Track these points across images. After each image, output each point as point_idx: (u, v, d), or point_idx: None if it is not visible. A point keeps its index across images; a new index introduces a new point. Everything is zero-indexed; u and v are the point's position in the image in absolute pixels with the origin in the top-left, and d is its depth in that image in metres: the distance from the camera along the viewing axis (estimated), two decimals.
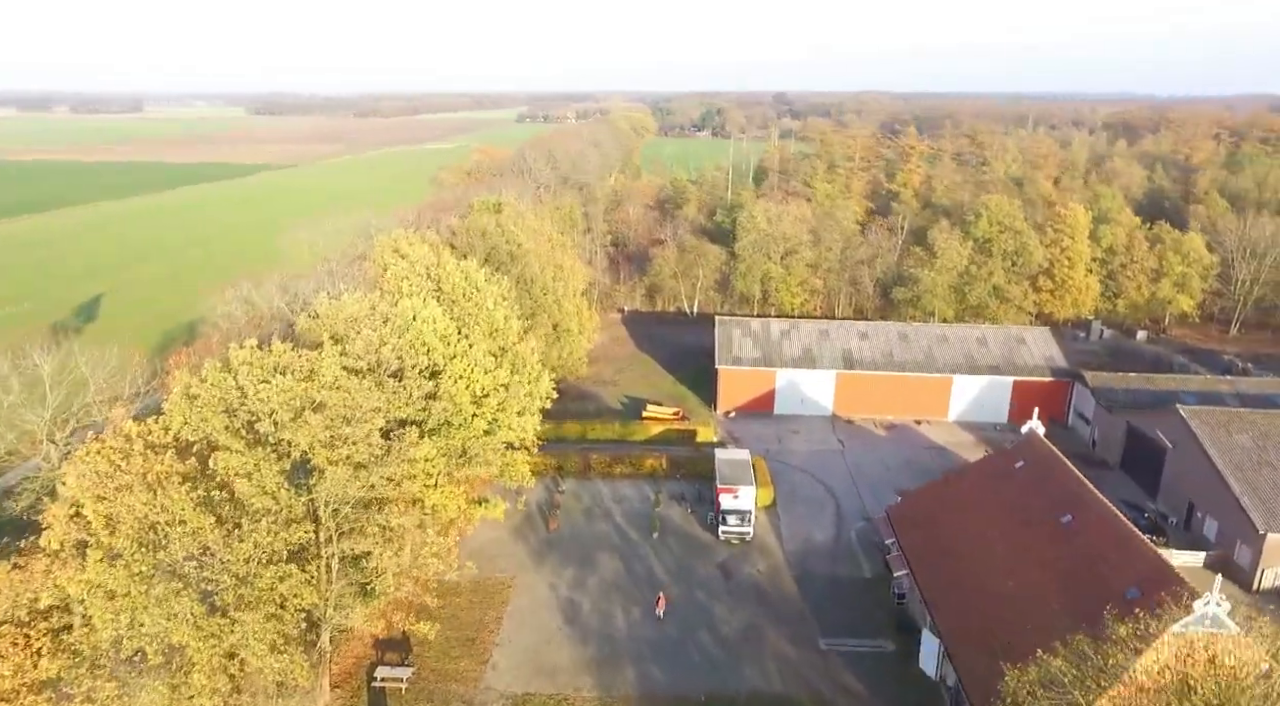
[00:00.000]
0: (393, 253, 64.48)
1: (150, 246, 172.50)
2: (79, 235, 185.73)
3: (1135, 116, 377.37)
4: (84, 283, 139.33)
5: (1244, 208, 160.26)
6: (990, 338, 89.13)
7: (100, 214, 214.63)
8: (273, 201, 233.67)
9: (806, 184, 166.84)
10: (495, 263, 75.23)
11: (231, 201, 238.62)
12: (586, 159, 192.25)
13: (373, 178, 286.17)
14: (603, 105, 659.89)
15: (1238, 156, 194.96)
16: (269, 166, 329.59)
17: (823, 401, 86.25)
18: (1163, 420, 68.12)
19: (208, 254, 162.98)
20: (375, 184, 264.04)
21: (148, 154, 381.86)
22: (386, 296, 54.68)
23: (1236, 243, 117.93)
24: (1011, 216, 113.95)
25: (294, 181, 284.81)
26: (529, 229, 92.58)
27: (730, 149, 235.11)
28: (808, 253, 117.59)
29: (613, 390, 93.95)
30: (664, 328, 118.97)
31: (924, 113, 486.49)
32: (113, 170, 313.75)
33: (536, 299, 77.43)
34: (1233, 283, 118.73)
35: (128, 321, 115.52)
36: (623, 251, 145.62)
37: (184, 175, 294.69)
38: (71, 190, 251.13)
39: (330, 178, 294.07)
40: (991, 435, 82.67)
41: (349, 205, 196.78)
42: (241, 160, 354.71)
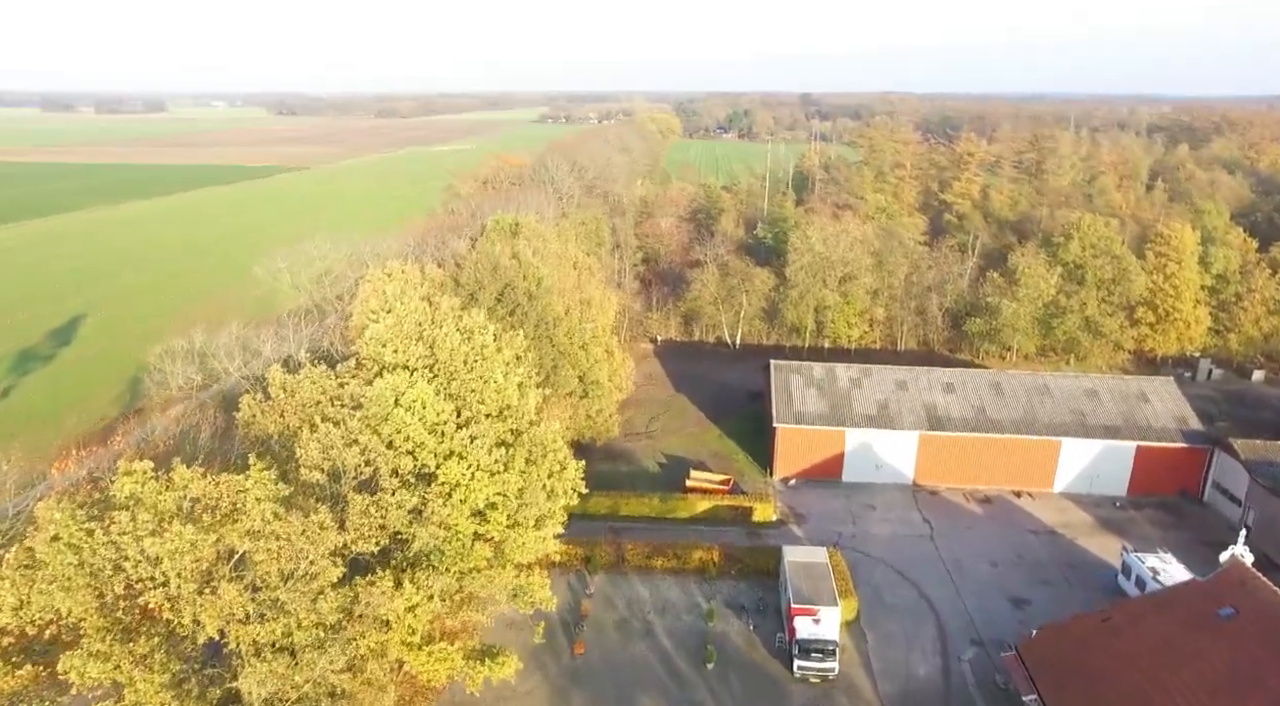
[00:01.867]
0: (375, 308, 50.49)
1: (137, 257, 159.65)
2: (62, 243, 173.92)
3: (1196, 117, 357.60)
4: (68, 298, 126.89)
5: None
6: (1103, 390, 74.06)
7: (92, 221, 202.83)
8: (276, 207, 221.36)
9: (856, 195, 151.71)
10: (510, 304, 61.22)
11: (234, 206, 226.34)
12: (613, 165, 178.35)
13: (384, 182, 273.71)
14: (625, 106, 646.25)
15: None
16: (280, 169, 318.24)
17: (901, 467, 71.57)
18: None
19: (192, 269, 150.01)
20: (387, 189, 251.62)
21: (155, 156, 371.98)
22: (361, 370, 40.74)
23: None
24: (1108, 239, 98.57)
25: (302, 186, 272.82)
26: (551, 255, 78.57)
27: (767, 155, 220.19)
28: (868, 278, 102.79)
29: (647, 445, 79.68)
30: (703, 362, 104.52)
31: (955, 114, 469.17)
32: (111, 172, 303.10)
33: (560, 347, 63.33)
34: None
35: (95, 347, 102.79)
36: (654, 269, 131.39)
37: (189, 178, 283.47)
38: (63, 195, 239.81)
39: (341, 182, 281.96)
40: (1113, 514, 67.69)
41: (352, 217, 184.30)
42: (253, 162, 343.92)
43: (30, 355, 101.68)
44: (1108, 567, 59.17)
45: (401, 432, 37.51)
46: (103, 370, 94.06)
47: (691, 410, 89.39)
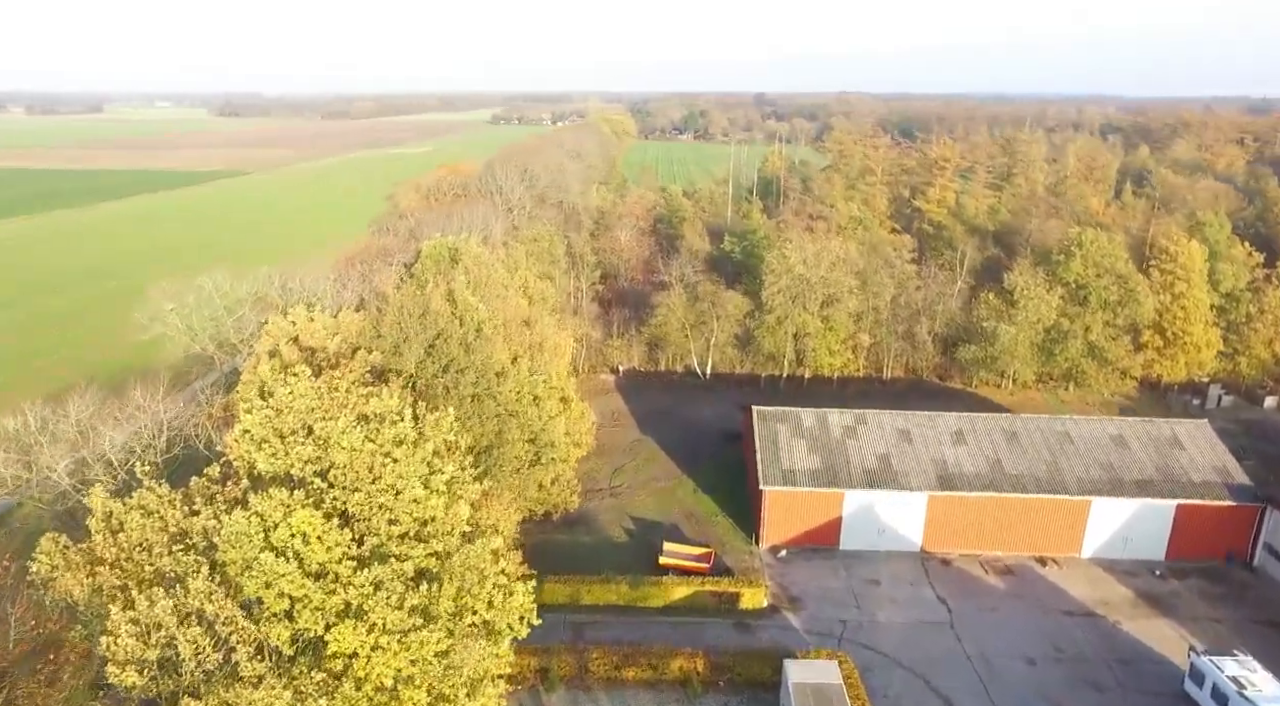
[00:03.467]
0: (256, 394, 38.93)
1: (10, 289, 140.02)
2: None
3: (1151, 119, 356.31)
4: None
5: None
6: (1131, 436, 64.92)
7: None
8: (204, 220, 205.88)
9: (827, 204, 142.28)
10: (442, 358, 49.97)
11: (157, 219, 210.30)
12: (566, 173, 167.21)
13: (328, 189, 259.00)
14: (579, 107, 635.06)
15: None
16: (219, 174, 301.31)
17: (908, 533, 61.67)
18: None
19: (75, 305, 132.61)
20: (329, 198, 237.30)
21: (86, 160, 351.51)
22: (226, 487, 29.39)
23: None
24: (1112, 256, 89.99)
25: (239, 194, 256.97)
26: (495, 286, 67.38)
27: (730, 159, 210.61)
28: (852, 301, 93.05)
29: (611, 506, 68.84)
30: (671, 396, 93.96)
31: (913, 115, 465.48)
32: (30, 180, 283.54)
33: (506, 406, 52.17)
34: None
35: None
36: (614, 288, 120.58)
37: (119, 185, 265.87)
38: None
39: (281, 189, 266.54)
40: (1154, 586, 58.45)
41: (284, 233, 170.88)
42: (193, 166, 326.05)
43: None
44: (1167, 664, 49.79)
45: (273, 587, 26.32)
46: None
47: (660, 457, 78.78)
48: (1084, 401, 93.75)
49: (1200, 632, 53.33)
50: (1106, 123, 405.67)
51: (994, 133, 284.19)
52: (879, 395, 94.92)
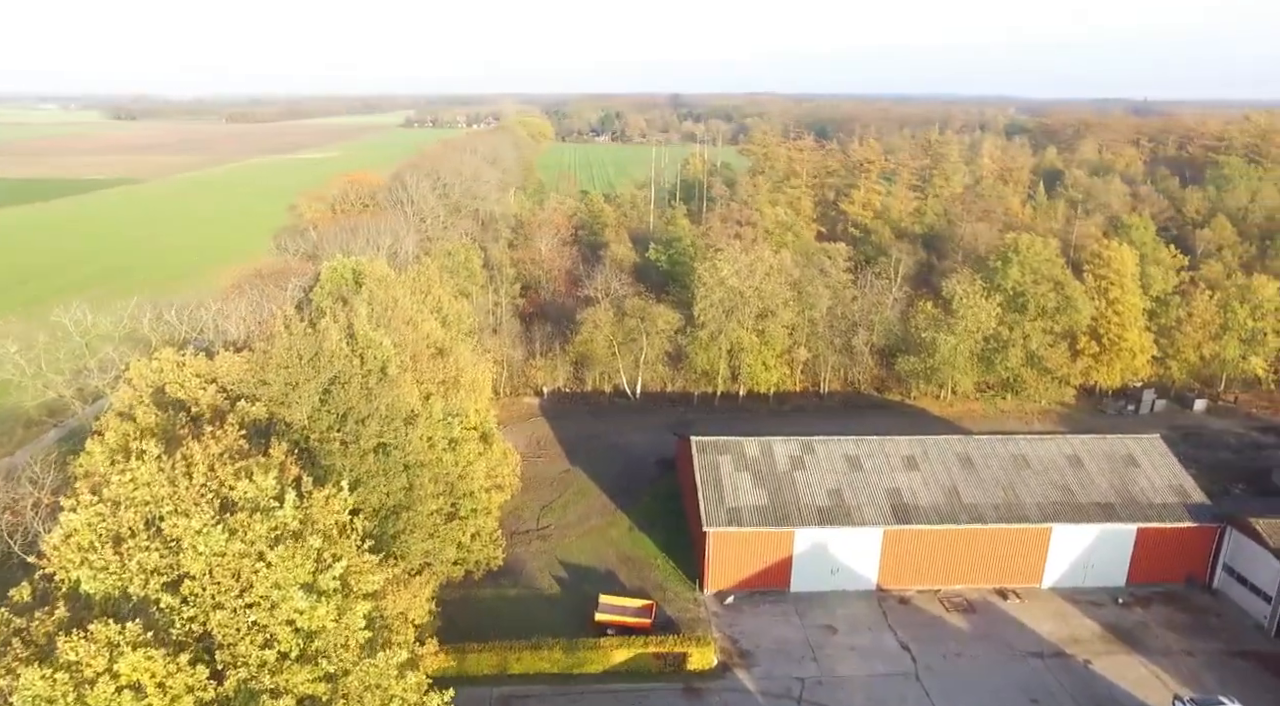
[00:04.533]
0: (85, 483, 31.49)
1: None
2: None
3: (1054, 120, 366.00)
4: None
5: (1247, 231, 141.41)
6: (1086, 455, 61.90)
7: None
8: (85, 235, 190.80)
9: (751, 207, 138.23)
10: (339, 406, 43.08)
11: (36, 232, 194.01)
12: (481, 179, 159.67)
13: (227, 199, 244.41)
14: (495, 109, 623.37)
15: (1224, 169, 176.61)
16: (106, 183, 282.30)
17: (862, 570, 57.25)
18: None
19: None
20: (228, 207, 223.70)
21: None
22: (45, 619, 22.38)
23: None
24: (1049, 262, 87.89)
25: (130, 205, 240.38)
26: (404, 313, 60.53)
27: (651, 162, 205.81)
28: (787, 313, 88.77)
29: (539, 552, 62.62)
30: (601, 420, 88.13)
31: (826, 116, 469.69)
32: None
33: (417, 456, 45.48)
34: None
35: None
36: (536, 301, 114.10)
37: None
38: None
39: (177, 199, 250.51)
40: (1120, 617, 55.30)
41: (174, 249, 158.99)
42: (78, 174, 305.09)
43: None
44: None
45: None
46: None
47: (592, 491, 72.86)
48: (1022, 410, 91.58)
49: (1174, 669, 50.24)
50: (1011, 124, 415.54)
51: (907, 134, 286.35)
52: (817, 411, 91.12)
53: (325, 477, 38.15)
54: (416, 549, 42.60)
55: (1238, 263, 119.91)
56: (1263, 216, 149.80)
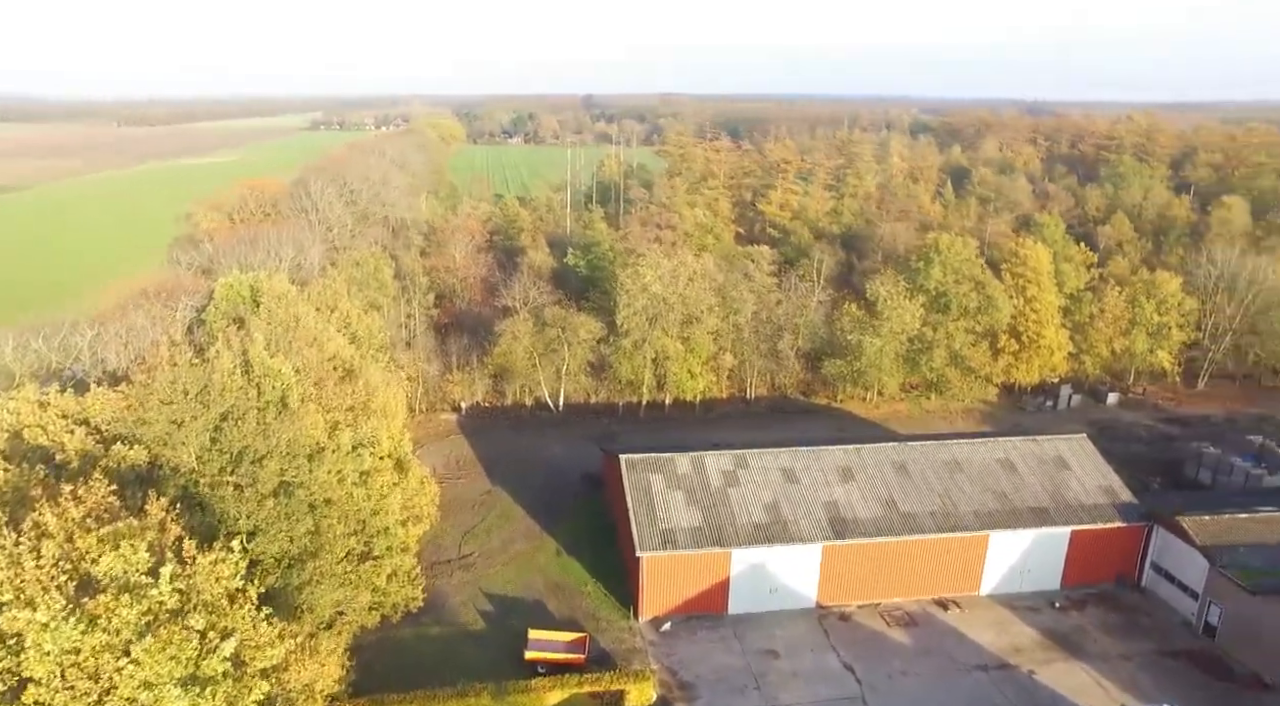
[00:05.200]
0: None
1: None
2: None
3: (957, 119, 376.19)
4: None
5: (1143, 227, 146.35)
6: (1017, 459, 61.54)
7: None
8: None
9: (670, 209, 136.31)
10: (233, 443, 38.74)
11: None
12: (391, 184, 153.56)
13: (115, 208, 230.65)
14: (404, 111, 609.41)
15: (1117, 167, 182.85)
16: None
17: (801, 588, 55.44)
18: None
19: None
20: (117, 216, 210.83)
21: None
22: None
23: (1215, 282, 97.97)
24: (969, 262, 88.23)
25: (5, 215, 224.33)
26: (307, 333, 56.05)
27: (567, 165, 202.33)
28: (712, 319, 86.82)
29: (462, 584, 58.89)
30: (523, 435, 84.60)
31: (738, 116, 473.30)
32: None
33: (324, 494, 41.42)
34: (1205, 329, 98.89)
35: None
36: (451, 311, 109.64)
37: None
38: None
39: (59, 208, 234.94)
40: (1058, 622, 54.83)
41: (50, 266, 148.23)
42: None
43: None
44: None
45: None
46: None
47: (516, 512, 69.37)
48: (946, 409, 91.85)
49: (1113, 674, 49.86)
50: (915, 123, 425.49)
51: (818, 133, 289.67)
52: (744, 417, 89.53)
53: (217, 529, 33.97)
54: (326, 600, 38.65)
55: (1139, 258, 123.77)
56: (1155, 213, 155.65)
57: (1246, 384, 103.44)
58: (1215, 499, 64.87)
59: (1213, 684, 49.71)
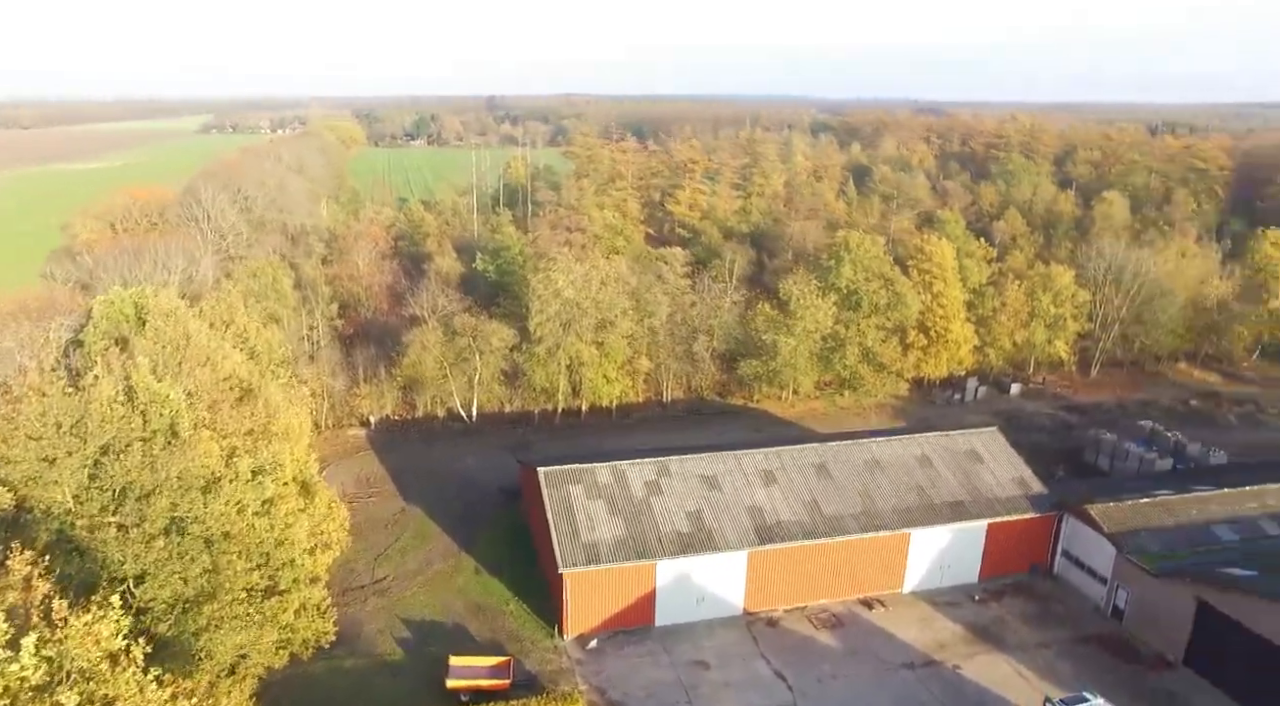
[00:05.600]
0: None
1: None
2: None
3: (856, 118, 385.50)
4: None
5: (1033, 222, 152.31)
6: (933, 454, 62.36)
7: None
8: None
9: (579, 212, 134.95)
10: (114, 479, 35.47)
11: None
12: (289, 190, 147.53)
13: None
14: (301, 113, 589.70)
15: (1007, 165, 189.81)
16: None
17: (728, 596, 54.78)
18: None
19: None
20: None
21: None
22: None
23: (1104, 274, 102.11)
24: (878, 259, 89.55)
25: None
26: (199, 352, 52.44)
27: (472, 167, 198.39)
28: (626, 323, 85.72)
29: (377, 610, 56.14)
30: (435, 448, 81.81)
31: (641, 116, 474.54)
32: None
33: (222, 528, 38.44)
34: (1096, 320, 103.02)
35: None
36: (356, 321, 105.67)
37: None
38: None
39: None
40: (979, 615, 55.61)
41: None
42: None
43: None
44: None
45: None
46: None
47: (431, 530, 66.77)
48: (860, 405, 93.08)
49: (1033, 663, 50.77)
50: (815, 122, 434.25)
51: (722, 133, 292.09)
52: (661, 421, 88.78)
53: (98, 576, 30.96)
54: (228, 644, 35.74)
55: (1033, 252, 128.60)
56: (1044, 209, 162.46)
57: (1133, 370, 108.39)
58: (1114, 484, 67.17)
59: (1122, 666, 51.12)
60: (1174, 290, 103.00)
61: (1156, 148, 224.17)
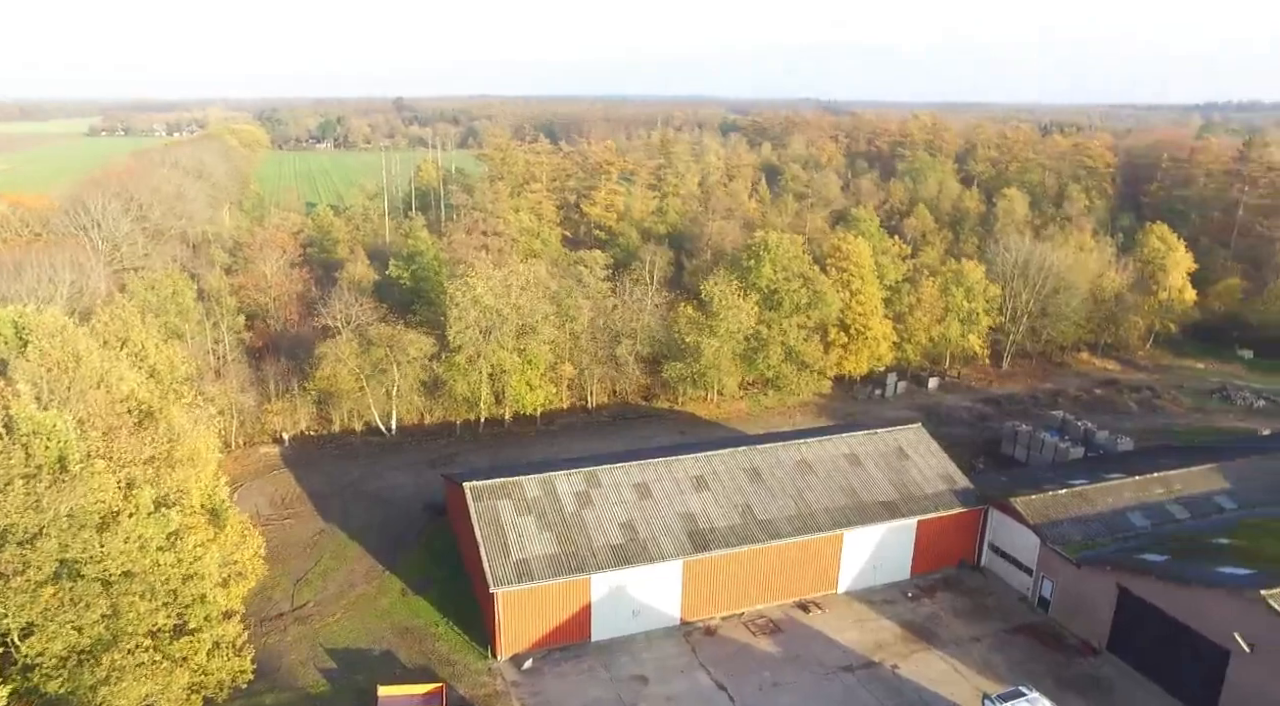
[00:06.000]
0: None
1: None
2: None
3: (766, 118, 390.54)
4: None
5: (941, 219, 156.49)
6: (862, 452, 62.73)
7: None
8: None
9: (495, 215, 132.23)
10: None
11: None
12: (188, 197, 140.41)
13: None
14: (199, 116, 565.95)
15: (915, 163, 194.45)
16: None
17: (665, 607, 53.83)
18: (1212, 603, 45.11)
19: None
20: None
21: None
22: None
23: (1012, 269, 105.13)
24: (799, 259, 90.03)
25: None
26: (87, 376, 48.76)
27: (380, 171, 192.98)
28: (548, 329, 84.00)
29: (298, 639, 53.24)
30: (355, 464, 78.64)
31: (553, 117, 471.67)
32: None
33: (122, 567, 35.44)
34: (1006, 313, 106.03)
35: None
36: (265, 333, 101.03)
37: None
38: None
39: None
40: (914, 614, 56.04)
41: None
42: None
43: None
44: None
45: None
46: None
47: (354, 551, 63.94)
48: (784, 404, 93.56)
49: (968, 658, 51.40)
50: (725, 122, 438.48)
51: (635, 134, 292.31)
52: (587, 427, 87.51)
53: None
54: (131, 695, 32.84)
55: (944, 248, 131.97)
56: (950, 205, 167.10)
57: (1041, 361, 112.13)
58: (1033, 475, 68.63)
59: (1050, 655, 52.21)
60: (1076, 283, 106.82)
61: (1049, 146, 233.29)
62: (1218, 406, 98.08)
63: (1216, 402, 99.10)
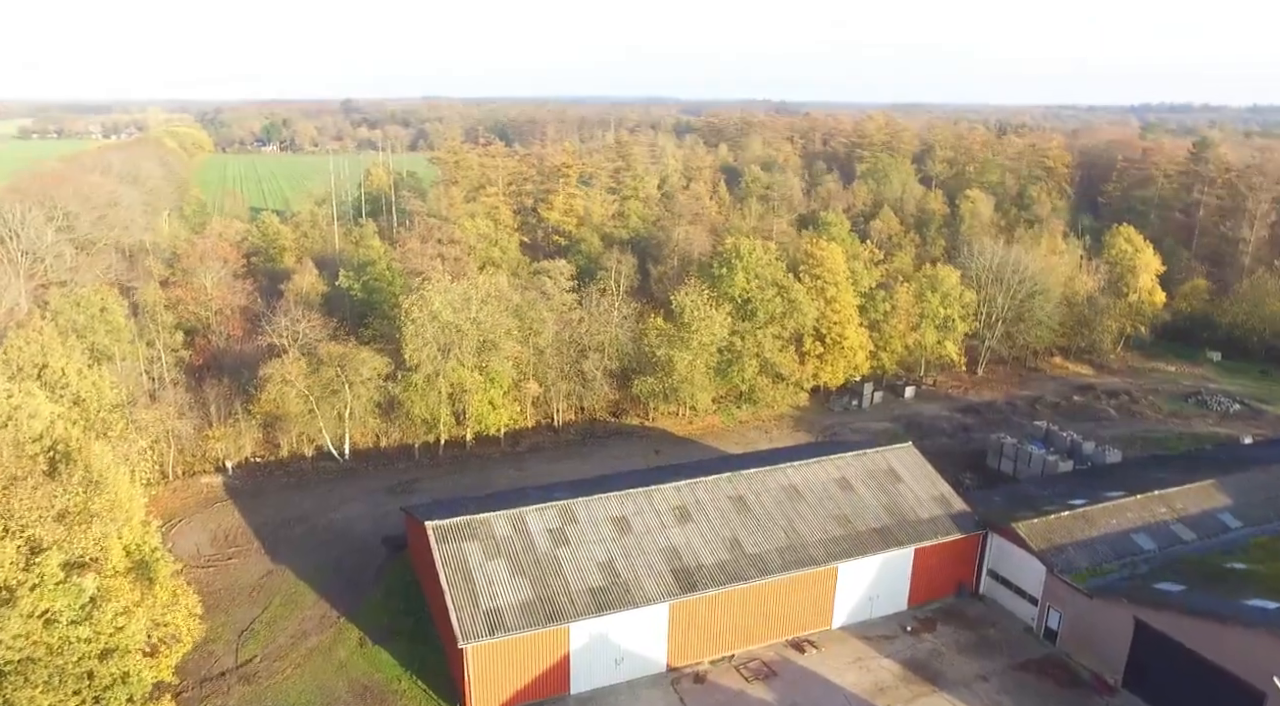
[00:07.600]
0: None
1: None
2: None
3: (721, 119, 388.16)
4: None
5: (905, 220, 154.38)
6: (853, 476, 58.96)
7: None
8: None
9: (450, 221, 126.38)
10: None
11: None
12: (122, 204, 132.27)
13: None
14: (138, 117, 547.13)
15: (877, 163, 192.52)
16: None
17: (651, 653, 49.39)
18: (1246, 641, 41.98)
19: None
20: None
21: None
22: None
23: (986, 273, 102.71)
24: (772, 266, 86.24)
25: None
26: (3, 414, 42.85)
27: (328, 175, 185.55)
28: (510, 344, 79.06)
29: (243, 698, 47.72)
30: (307, 494, 72.84)
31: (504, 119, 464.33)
32: None
33: (18, 652, 30.02)
34: (981, 319, 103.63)
35: None
36: (206, 350, 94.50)
37: None
38: None
39: None
40: (915, 650, 52.33)
41: None
42: None
43: None
44: None
45: None
46: None
47: (306, 595, 58.37)
48: (759, 417, 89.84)
49: (975, 700, 47.88)
50: (679, 123, 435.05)
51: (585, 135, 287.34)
52: (554, 447, 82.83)
53: None
54: None
55: (914, 251, 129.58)
56: (915, 206, 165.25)
57: (1016, 367, 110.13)
58: (1027, 492, 65.32)
59: (1063, 693, 49.00)
60: (1049, 287, 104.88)
61: (1005, 146, 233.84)
62: (1194, 411, 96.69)
63: (1193, 407, 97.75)
